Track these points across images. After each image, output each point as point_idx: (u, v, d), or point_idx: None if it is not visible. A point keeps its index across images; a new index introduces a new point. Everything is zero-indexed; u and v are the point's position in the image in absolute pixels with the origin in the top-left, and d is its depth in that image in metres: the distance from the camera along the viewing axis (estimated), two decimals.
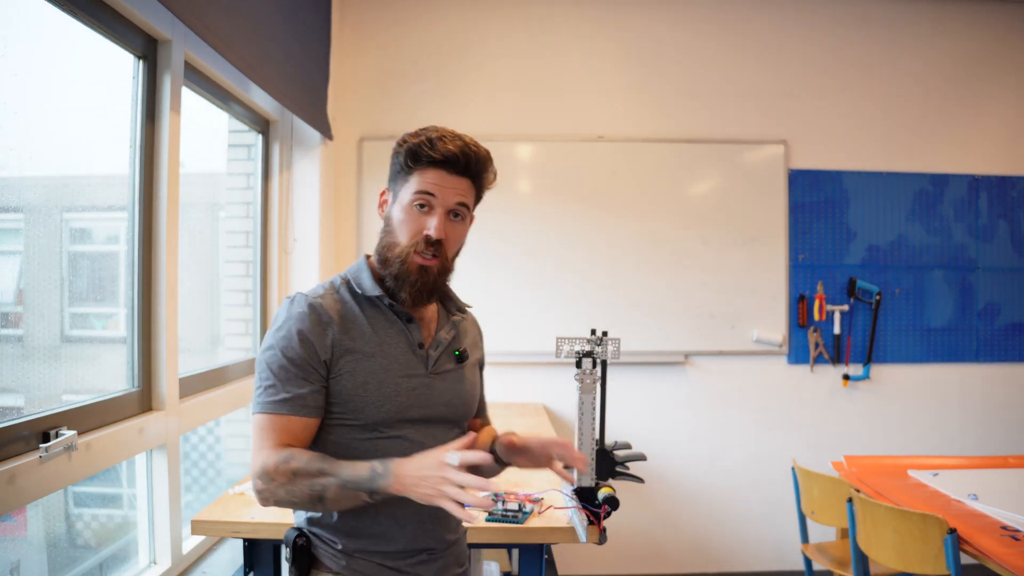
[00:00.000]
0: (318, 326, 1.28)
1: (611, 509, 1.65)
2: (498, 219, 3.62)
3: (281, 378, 1.25)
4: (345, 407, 1.28)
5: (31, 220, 1.70)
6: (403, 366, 1.32)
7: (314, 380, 1.26)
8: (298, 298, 1.31)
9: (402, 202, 1.31)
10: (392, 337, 1.33)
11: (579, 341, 1.77)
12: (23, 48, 1.64)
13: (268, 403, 1.25)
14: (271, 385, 1.26)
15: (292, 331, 1.27)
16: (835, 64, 3.75)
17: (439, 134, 1.31)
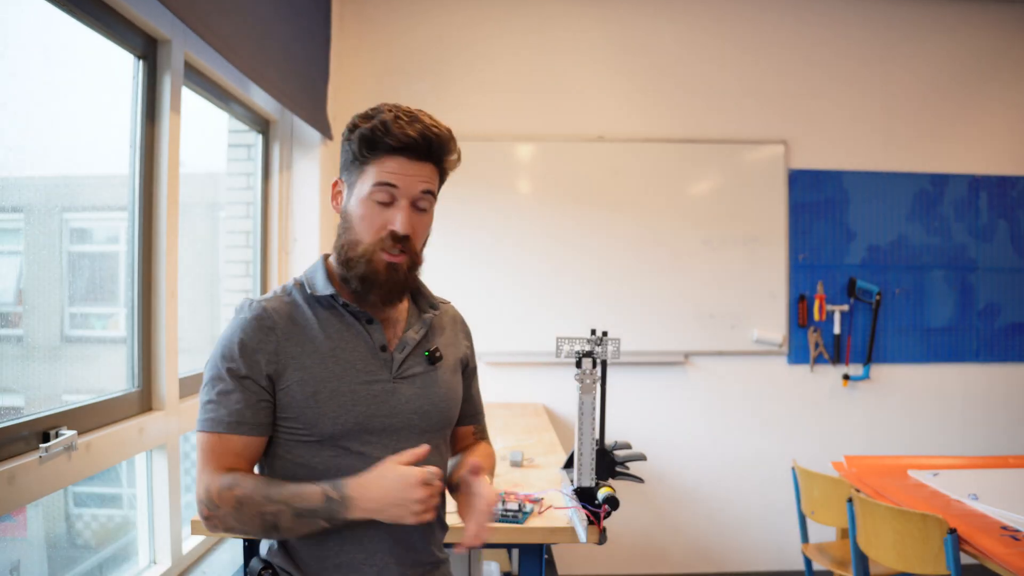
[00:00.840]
0: (260, 332, 1.17)
1: (611, 509, 1.65)
2: (498, 219, 3.62)
3: (221, 392, 1.15)
4: (297, 420, 1.17)
5: (31, 220, 1.70)
6: (361, 372, 1.19)
7: (255, 394, 1.15)
8: (245, 303, 1.21)
9: (360, 195, 1.18)
10: (348, 341, 1.20)
11: (579, 341, 1.77)
12: (23, 48, 1.64)
13: (207, 420, 1.15)
14: (210, 400, 1.16)
15: (234, 341, 1.17)
16: (835, 64, 3.75)
17: (394, 114, 1.17)
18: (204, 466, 1.15)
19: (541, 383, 3.66)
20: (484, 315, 3.61)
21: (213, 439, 1.15)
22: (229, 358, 1.16)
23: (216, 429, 1.15)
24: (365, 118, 1.20)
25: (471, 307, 3.58)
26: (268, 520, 1.11)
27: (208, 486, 1.13)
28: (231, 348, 1.17)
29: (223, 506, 1.12)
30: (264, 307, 1.20)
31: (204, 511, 1.13)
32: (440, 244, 3.63)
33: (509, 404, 3.57)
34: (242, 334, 1.17)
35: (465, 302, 3.66)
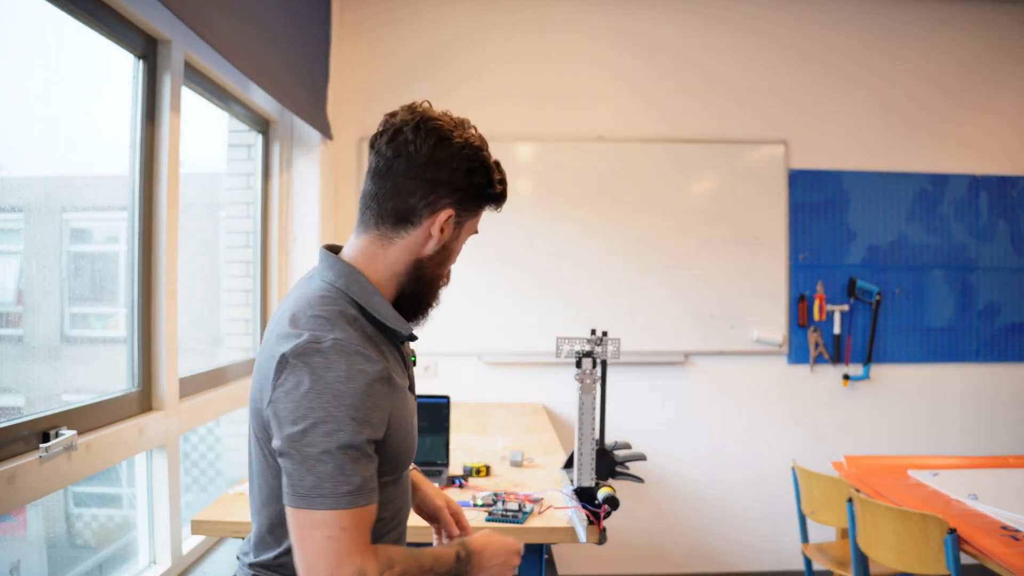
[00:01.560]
0: (387, 389, 1.06)
1: (611, 509, 1.66)
2: (498, 219, 3.59)
3: (356, 460, 1.01)
4: (387, 465, 1.11)
5: (31, 220, 1.70)
6: (409, 397, 1.18)
7: (376, 454, 1.06)
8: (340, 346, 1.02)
9: (463, 237, 1.21)
10: (400, 366, 1.16)
11: (579, 341, 1.77)
12: (23, 48, 1.64)
13: (350, 495, 0.99)
14: (344, 469, 0.99)
15: (367, 402, 1.02)
16: (835, 64, 3.75)
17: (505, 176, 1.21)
18: (351, 547, 0.99)
19: (541, 383, 3.66)
20: (484, 315, 3.61)
21: (359, 514, 1.01)
22: (364, 422, 1.02)
23: (365, 503, 1.01)
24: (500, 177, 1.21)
25: (471, 307, 3.60)
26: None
27: (363, 570, 0.99)
28: (365, 411, 1.02)
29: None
30: (375, 355, 1.05)
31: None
32: None
33: (509, 404, 3.57)
34: (369, 388, 1.03)
35: (465, 302, 3.69)
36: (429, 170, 1.11)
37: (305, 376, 1.00)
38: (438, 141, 1.12)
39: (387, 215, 1.13)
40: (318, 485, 0.99)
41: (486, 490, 1.95)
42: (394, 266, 1.15)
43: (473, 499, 1.88)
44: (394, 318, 1.13)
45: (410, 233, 1.14)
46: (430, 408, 2.22)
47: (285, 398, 1.01)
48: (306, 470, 0.99)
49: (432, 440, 2.21)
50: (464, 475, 2.10)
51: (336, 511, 0.99)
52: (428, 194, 1.12)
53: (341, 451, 0.99)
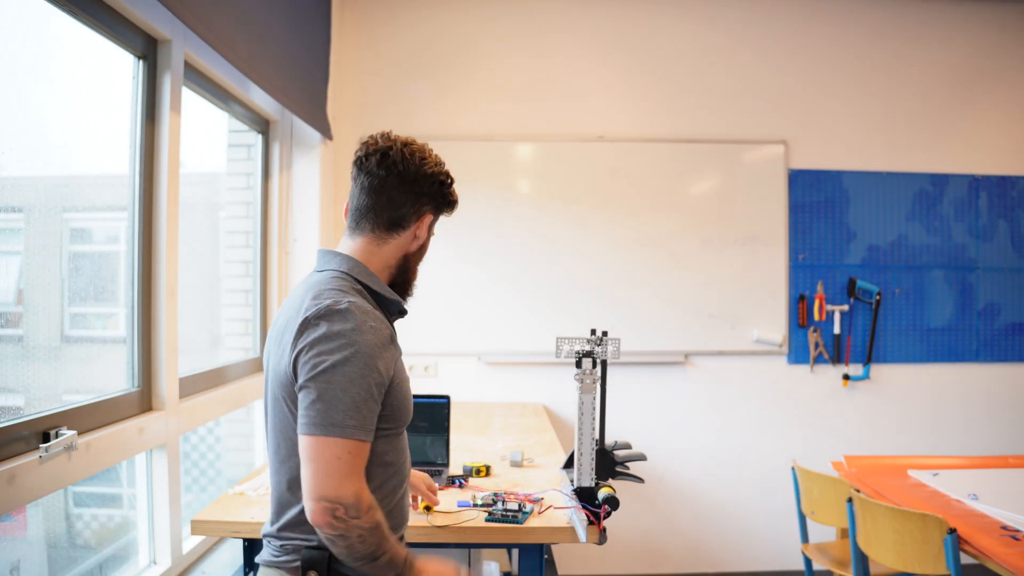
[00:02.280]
0: (392, 344, 1.31)
1: (611, 509, 1.66)
2: (498, 219, 3.62)
3: (365, 399, 1.22)
4: (393, 418, 1.32)
5: (31, 220, 1.70)
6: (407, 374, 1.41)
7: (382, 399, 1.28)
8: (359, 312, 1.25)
9: (431, 235, 1.45)
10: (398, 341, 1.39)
11: (579, 341, 1.77)
12: (23, 48, 1.64)
13: (359, 428, 1.21)
14: (357, 408, 1.21)
15: (375, 350, 1.24)
16: (835, 64, 3.75)
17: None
18: (352, 471, 1.21)
19: (541, 383, 3.66)
20: (484, 315, 3.61)
21: (362, 447, 1.23)
22: (373, 366, 1.23)
23: (361, 437, 1.22)
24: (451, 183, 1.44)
25: (471, 307, 3.60)
26: (376, 555, 1.23)
27: (360, 495, 1.21)
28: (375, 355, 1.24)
29: (363, 519, 1.20)
30: (378, 317, 1.29)
31: (339, 511, 1.19)
32: (440, 244, 3.63)
33: (509, 404, 3.57)
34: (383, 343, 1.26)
35: (465, 302, 3.69)
36: (416, 185, 1.37)
37: (328, 327, 1.22)
38: (421, 160, 1.37)
39: (383, 222, 1.37)
40: (331, 416, 1.19)
41: (486, 490, 1.95)
42: (387, 260, 1.39)
43: (473, 499, 1.88)
44: (391, 293, 1.39)
45: (401, 235, 1.39)
46: (430, 408, 2.22)
47: (310, 347, 1.22)
48: (324, 403, 1.20)
49: (432, 440, 2.21)
50: (464, 475, 2.10)
51: (345, 439, 1.20)
52: (415, 203, 1.38)
53: (355, 390, 1.21)
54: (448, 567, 1.35)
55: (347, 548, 1.21)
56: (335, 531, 1.19)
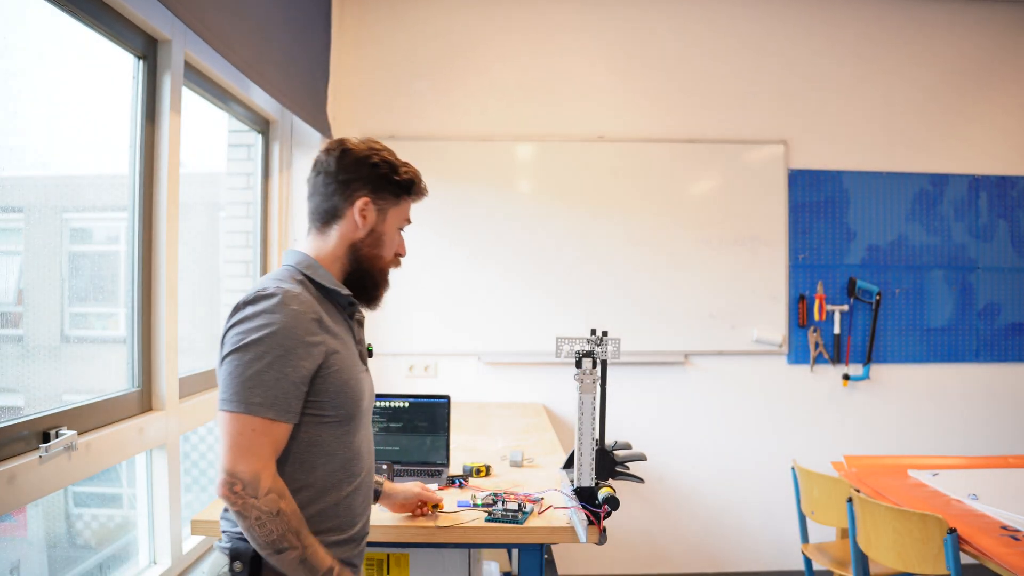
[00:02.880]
0: (315, 325, 1.29)
1: (611, 509, 1.65)
2: (498, 219, 3.62)
3: (278, 379, 1.23)
4: (329, 404, 1.32)
5: (31, 220, 1.70)
6: (358, 362, 1.42)
7: (304, 384, 1.27)
8: (287, 295, 1.27)
9: (394, 223, 1.45)
10: (347, 335, 1.41)
11: (579, 341, 1.77)
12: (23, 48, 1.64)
13: (259, 405, 1.22)
14: (264, 386, 1.22)
15: (296, 330, 1.25)
16: (835, 64, 3.75)
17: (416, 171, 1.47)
18: (254, 450, 1.22)
19: (541, 383, 3.66)
20: (484, 315, 3.61)
21: (264, 424, 1.23)
22: (292, 348, 1.24)
23: (278, 417, 1.24)
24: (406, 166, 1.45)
25: (471, 307, 3.60)
26: (282, 547, 1.23)
27: (260, 475, 1.21)
28: (293, 336, 1.25)
29: (261, 500, 1.21)
30: (306, 300, 1.30)
31: (237, 487, 1.20)
32: (441, 244, 3.63)
33: (509, 404, 3.57)
34: (305, 325, 1.27)
35: (465, 302, 3.68)
36: (340, 174, 1.40)
37: (250, 309, 1.26)
38: (342, 152, 1.41)
39: (320, 217, 1.42)
40: (237, 392, 1.22)
41: (486, 490, 1.95)
42: (335, 252, 1.41)
43: (473, 499, 1.88)
44: (333, 283, 1.39)
45: (341, 225, 1.41)
46: (430, 408, 2.22)
47: (233, 327, 1.26)
48: (234, 379, 1.22)
49: (432, 440, 2.21)
50: (464, 475, 2.10)
51: (249, 415, 1.21)
52: (344, 190, 1.40)
53: (263, 368, 1.22)
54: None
55: (247, 529, 1.22)
56: (233, 506, 1.21)
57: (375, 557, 1.85)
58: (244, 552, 1.28)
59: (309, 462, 1.31)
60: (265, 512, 1.21)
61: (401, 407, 2.21)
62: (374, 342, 3.61)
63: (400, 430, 2.21)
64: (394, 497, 1.74)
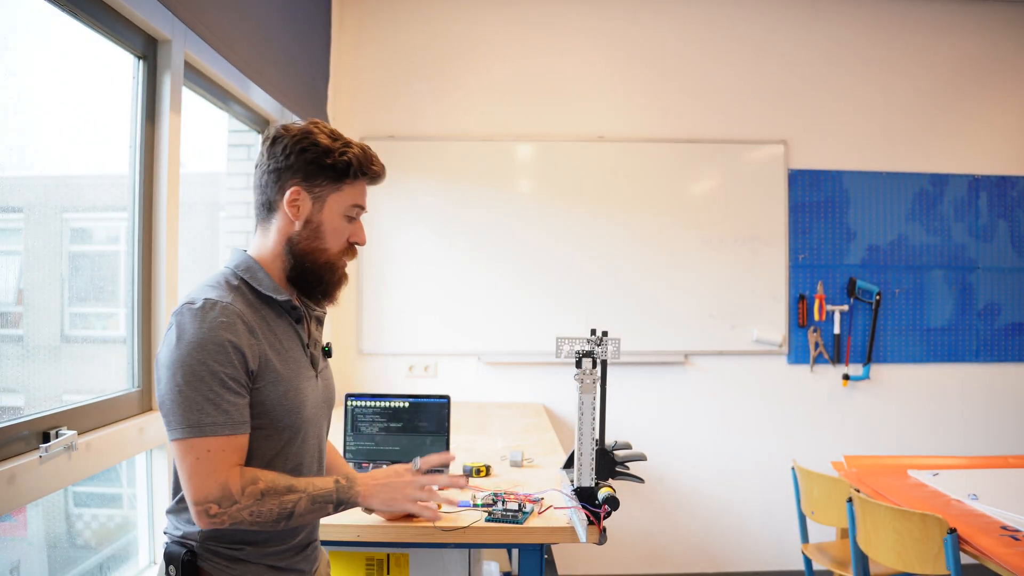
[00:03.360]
0: (247, 335, 1.22)
1: (611, 509, 1.65)
2: (498, 219, 3.62)
3: (218, 393, 1.18)
4: (265, 416, 1.26)
5: (31, 220, 1.70)
6: (303, 368, 1.34)
7: (245, 394, 1.23)
8: (208, 303, 1.21)
9: (333, 211, 1.33)
10: (291, 339, 1.33)
11: (579, 341, 1.77)
12: (23, 48, 1.64)
13: (212, 425, 1.18)
14: (210, 401, 1.17)
15: (220, 341, 1.19)
16: (835, 64, 3.75)
17: (365, 149, 1.34)
18: (215, 468, 1.18)
19: (541, 383, 3.66)
20: (484, 315, 3.61)
21: (221, 441, 1.19)
22: (219, 360, 1.19)
23: (228, 431, 1.20)
24: (344, 145, 1.32)
25: (471, 307, 3.60)
26: (286, 508, 1.23)
27: (228, 485, 1.19)
28: (220, 348, 1.19)
29: (243, 500, 1.19)
30: (236, 309, 1.23)
31: (213, 508, 1.18)
32: (440, 244, 3.64)
33: (509, 404, 3.57)
34: (229, 335, 1.20)
35: (465, 302, 3.68)
36: (270, 164, 1.31)
37: (176, 328, 1.20)
38: (272, 142, 1.32)
39: (259, 212, 1.34)
40: (186, 417, 1.17)
41: (486, 490, 1.95)
42: (275, 248, 1.33)
43: (473, 499, 1.88)
44: (272, 288, 1.30)
45: (277, 218, 1.32)
46: (430, 408, 2.22)
47: (162, 349, 1.22)
48: (176, 406, 1.18)
49: (432, 440, 2.21)
50: (464, 475, 2.09)
51: (202, 438, 1.18)
52: (275, 182, 1.31)
53: (205, 387, 1.17)
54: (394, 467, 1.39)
55: (251, 526, 1.22)
56: (222, 525, 1.20)
57: (375, 557, 1.85)
58: (175, 556, 1.26)
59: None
60: (251, 506, 1.20)
61: (401, 407, 2.21)
62: (374, 342, 3.62)
63: (400, 430, 2.21)
64: None
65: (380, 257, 3.60)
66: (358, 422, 2.17)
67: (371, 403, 2.20)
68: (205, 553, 1.27)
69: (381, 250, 3.59)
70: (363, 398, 2.21)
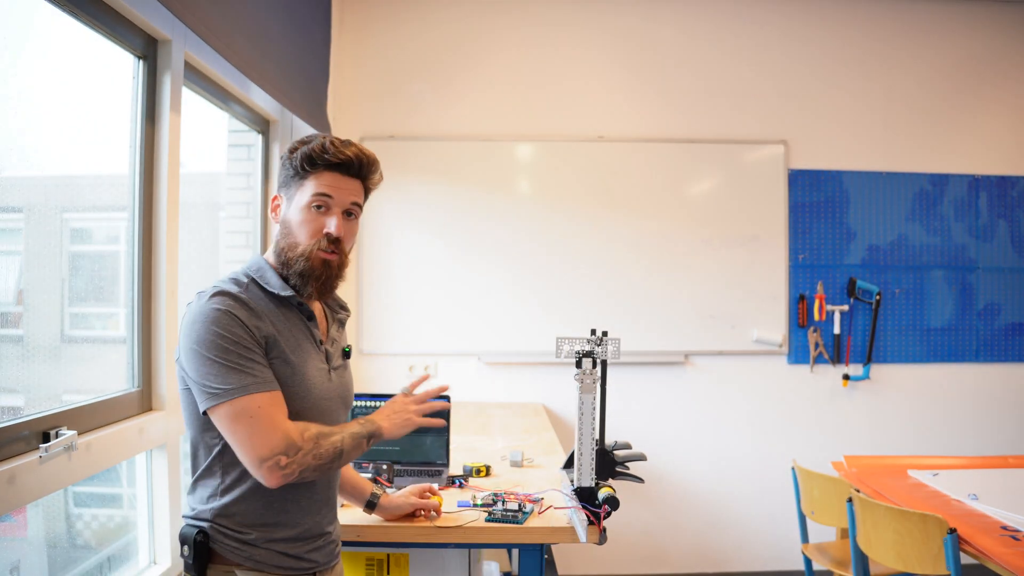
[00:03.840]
0: (249, 313, 1.30)
1: (611, 509, 1.65)
2: (498, 219, 3.62)
3: (243, 358, 1.26)
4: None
5: (31, 220, 1.70)
6: (315, 360, 1.40)
7: (266, 362, 1.30)
8: (215, 290, 1.31)
9: (299, 204, 1.38)
10: (301, 333, 1.39)
11: (579, 341, 1.77)
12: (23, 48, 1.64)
13: (256, 383, 1.26)
14: (239, 366, 1.25)
15: (232, 317, 1.27)
16: (835, 64, 3.75)
17: (330, 140, 1.38)
18: (273, 421, 1.25)
19: (541, 383, 3.66)
20: (484, 315, 3.61)
21: (268, 397, 1.27)
22: (233, 333, 1.26)
23: (268, 388, 1.27)
24: (304, 141, 1.39)
25: (471, 307, 3.60)
26: (337, 447, 1.32)
27: (288, 432, 1.26)
28: (231, 324, 1.27)
29: (305, 446, 1.27)
30: (242, 295, 1.31)
31: (283, 460, 1.24)
32: (440, 243, 3.64)
33: (509, 404, 3.57)
34: (239, 311, 1.29)
35: (465, 302, 3.68)
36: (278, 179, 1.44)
37: (193, 313, 1.29)
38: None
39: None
40: (225, 381, 1.24)
41: (486, 490, 1.95)
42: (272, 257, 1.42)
43: (473, 499, 1.88)
44: (279, 286, 1.37)
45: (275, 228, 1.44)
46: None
47: (183, 332, 1.29)
48: (213, 377, 1.25)
49: (432, 440, 2.21)
50: (464, 475, 2.10)
51: (248, 395, 1.24)
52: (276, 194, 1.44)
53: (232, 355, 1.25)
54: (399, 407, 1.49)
55: (314, 472, 1.29)
56: (292, 476, 1.25)
57: (375, 557, 1.85)
58: (188, 536, 1.31)
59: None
60: (312, 450, 1.27)
61: None
62: (374, 342, 3.62)
63: None
64: (389, 510, 1.74)
65: (380, 256, 3.60)
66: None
67: (371, 403, 2.20)
68: (216, 535, 1.31)
69: (381, 249, 3.59)
70: (363, 398, 2.21)
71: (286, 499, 1.35)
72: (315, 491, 1.40)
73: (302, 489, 1.37)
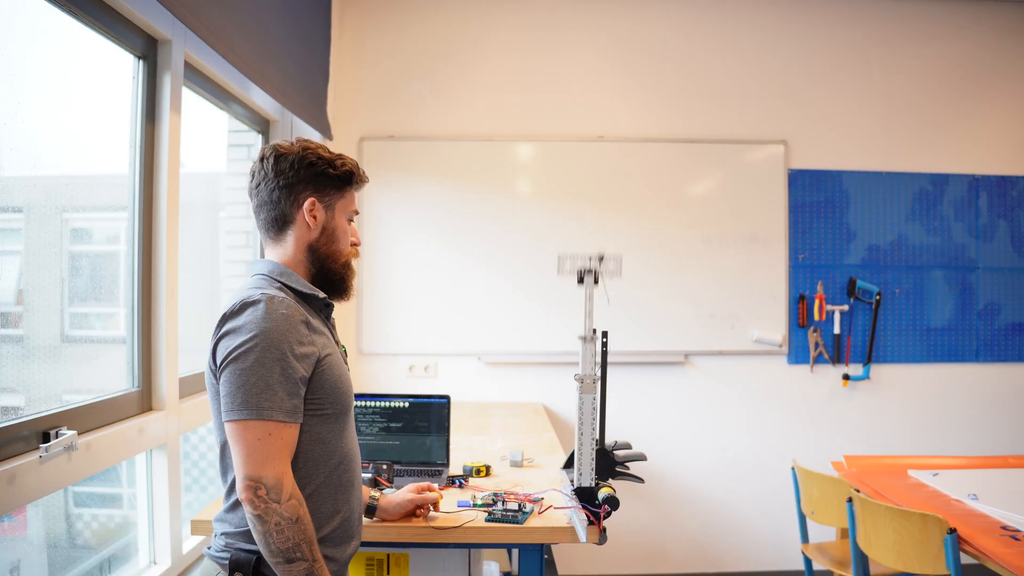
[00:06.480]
0: (305, 328, 1.33)
1: (611, 509, 1.66)
2: (498, 219, 3.62)
3: (281, 382, 1.26)
4: (326, 399, 1.36)
5: (31, 220, 1.70)
6: (342, 361, 1.46)
7: (304, 385, 1.31)
8: (270, 301, 1.30)
9: (341, 215, 1.46)
10: (328, 336, 1.44)
11: (581, 259, 1.80)
12: (23, 48, 1.64)
13: (276, 409, 1.25)
14: (270, 390, 1.25)
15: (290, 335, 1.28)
16: (835, 64, 3.75)
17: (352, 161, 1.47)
18: (272, 454, 1.24)
19: (541, 383, 3.66)
20: (484, 315, 3.61)
21: (283, 429, 1.26)
22: (284, 350, 1.27)
23: (289, 419, 1.27)
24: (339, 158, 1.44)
25: (471, 307, 3.60)
26: (294, 557, 1.24)
27: (283, 479, 1.25)
28: (286, 340, 1.28)
29: (283, 506, 1.24)
30: (291, 304, 1.33)
31: (262, 493, 1.22)
32: (440, 243, 3.64)
33: (509, 404, 3.57)
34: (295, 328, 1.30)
35: (465, 302, 3.68)
36: (279, 180, 1.40)
37: (241, 320, 1.28)
38: (277, 157, 1.40)
39: (273, 225, 1.43)
40: (248, 399, 1.24)
41: (486, 490, 1.95)
42: (295, 256, 1.43)
43: (473, 499, 1.88)
44: (310, 287, 1.41)
45: (294, 229, 1.42)
46: (430, 408, 2.22)
47: (224, 337, 1.29)
48: (238, 388, 1.24)
49: (432, 440, 2.21)
50: (464, 475, 2.10)
51: (263, 421, 1.24)
52: (288, 196, 1.40)
53: (265, 373, 1.25)
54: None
55: (264, 535, 1.23)
56: (256, 509, 1.22)
57: (375, 557, 1.85)
58: (245, 563, 1.29)
59: (306, 452, 1.33)
60: (286, 518, 1.23)
61: (401, 407, 2.21)
62: (374, 342, 3.62)
63: (400, 430, 2.21)
64: (389, 510, 1.75)
65: (380, 256, 3.60)
66: (358, 422, 2.17)
67: (371, 403, 2.20)
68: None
69: (381, 249, 3.59)
70: (363, 398, 2.21)
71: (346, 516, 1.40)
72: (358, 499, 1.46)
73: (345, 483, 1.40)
